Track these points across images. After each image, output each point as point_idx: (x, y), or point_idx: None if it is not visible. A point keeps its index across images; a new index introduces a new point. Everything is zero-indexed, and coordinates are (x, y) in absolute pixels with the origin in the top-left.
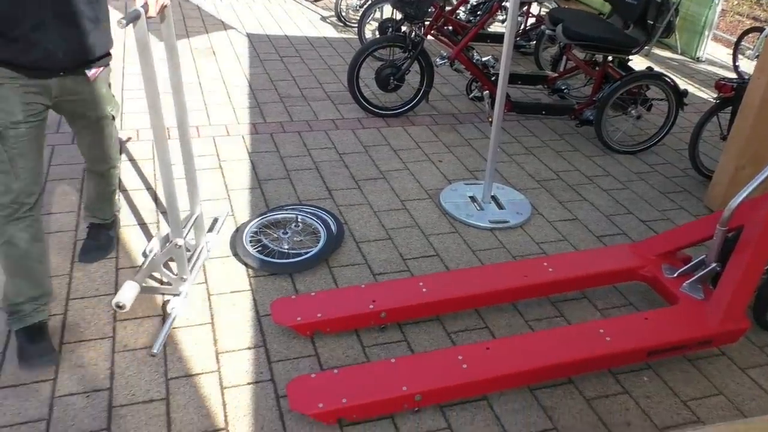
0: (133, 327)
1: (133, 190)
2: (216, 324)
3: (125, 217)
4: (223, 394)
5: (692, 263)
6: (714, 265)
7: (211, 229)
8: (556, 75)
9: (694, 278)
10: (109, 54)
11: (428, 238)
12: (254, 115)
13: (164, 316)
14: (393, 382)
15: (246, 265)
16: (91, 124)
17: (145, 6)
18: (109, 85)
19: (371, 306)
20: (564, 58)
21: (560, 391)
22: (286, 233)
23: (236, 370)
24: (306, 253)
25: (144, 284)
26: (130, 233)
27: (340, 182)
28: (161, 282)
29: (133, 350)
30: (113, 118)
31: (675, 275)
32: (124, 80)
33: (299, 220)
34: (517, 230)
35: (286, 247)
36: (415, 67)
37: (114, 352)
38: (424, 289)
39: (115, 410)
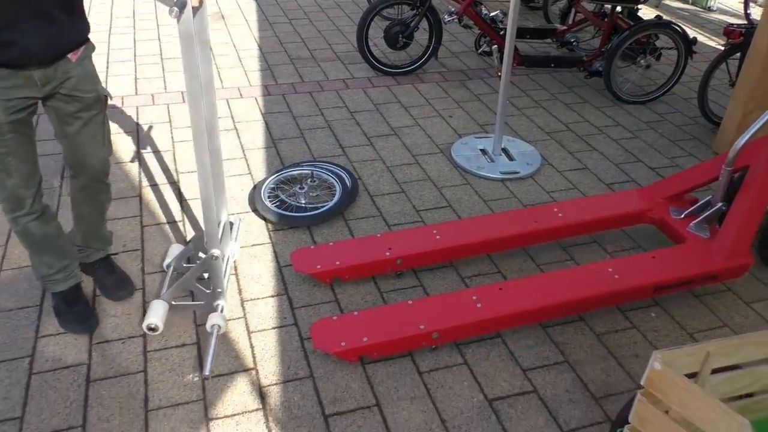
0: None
1: (150, 186)
2: (240, 275)
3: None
4: (250, 338)
5: (699, 204)
6: (720, 204)
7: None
8: (565, 28)
9: (700, 218)
10: (87, 39)
11: (440, 190)
12: (266, 77)
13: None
14: (411, 322)
15: (265, 219)
16: (86, 109)
17: None
18: None
19: (387, 253)
20: (573, 10)
21: (571, 328)
22: (303, 188)
23: (261, 316)
24: (322, 206)
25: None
26: (152, 233)
27: (352, 139)
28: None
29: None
30: (107, 98)
31: (682, 216)
32: (137, 46)
33: (315, 175)
34: (527, 180)
35: (303, 201)
36: (424, 24)
37: (145, 301)
38: (438, 237)
39: (149, 354)
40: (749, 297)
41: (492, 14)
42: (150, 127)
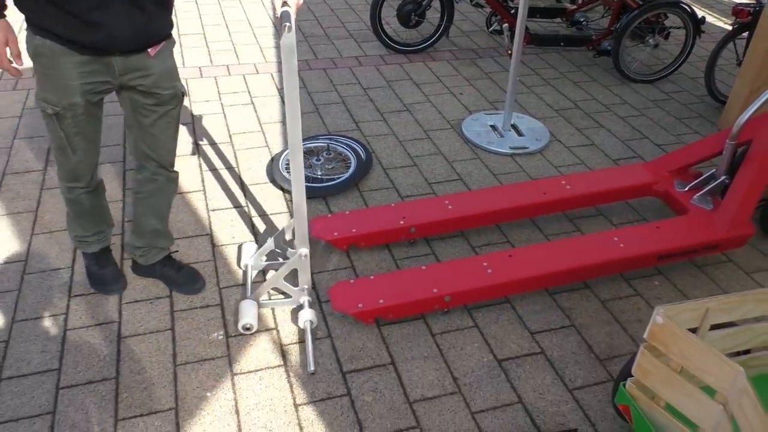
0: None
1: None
2: (259, 242)
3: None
4: (269, 300)
5: (702, 177)
6: (723, 177)
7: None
8: (575, 7)
9: (704, 191)
10: (170, 35)
11: (451, 164)
12: (280, 54)
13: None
14: (424, 285)
15: (282, 190)
16: (163, 104)
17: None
18: None
19: (401, 222)
20: None
21: (577, 294)
22: (319, 160)
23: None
24: (338, 178)
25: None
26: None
27: (366, 115)
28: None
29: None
30: (183, 95)
31: (686, 189)
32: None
33: (330, 148)
34: (536, 155)
35: (320, 173)
36: (436, 4)
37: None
38: (449, 207)
39: (176, 314)
40: (749, 267)
41: None
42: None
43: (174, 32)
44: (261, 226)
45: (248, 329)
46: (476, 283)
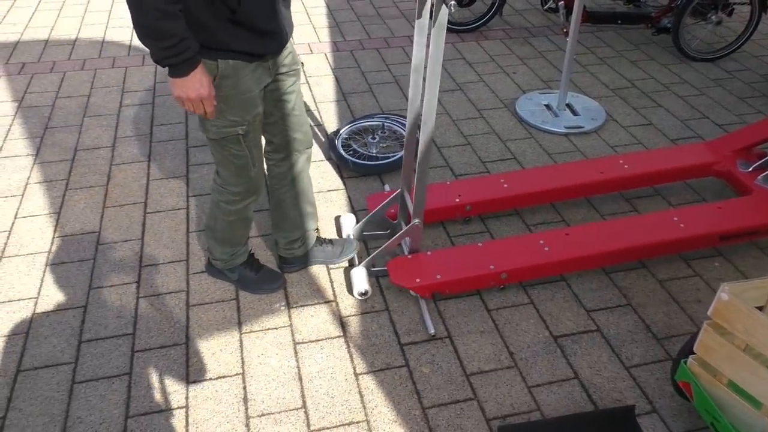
0: None
1: None
2: (319, 217)
3: None
4: (329, 274)
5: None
6: None
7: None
8: None
9: None
10: None
11: (505, 143)
12: (334, 34)
13: None
14: (481, 262)
15: (339, 167)
16: (297, 78)
17: None
18: None
19: (457, 199)
20: None
21: (634, 274)
22: (374, 139)
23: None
24: (392, 155)
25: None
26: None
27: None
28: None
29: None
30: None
31: (750, 170)
32: None
33: (385, 127)
34: (591, 135)
35: (375, 151)
36: None
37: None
38: (505, 185)
39: (241, 292)
40: None
41: None
42: None
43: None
44: (320, 203)
45: (364, 294)
46: (533, 261)
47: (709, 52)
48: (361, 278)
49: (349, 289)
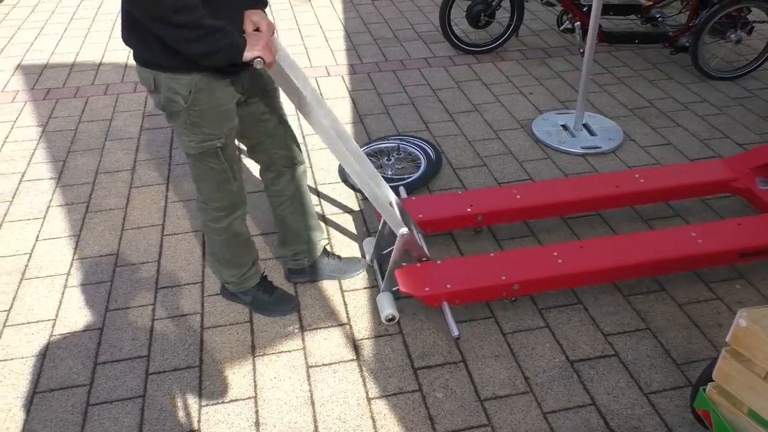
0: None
1: None
2: (332, 239)
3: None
4: (343, 296)
5: None
6: None
7: None
8: (651, 3)
9: None
10: None
11: (521, 164)
12: (351, 57)
13: None
14: (493, 272)
15: (354, 189)
16: (275, 96)
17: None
18: None
19: (469, 209)
20: None
21: (652, 297)
22: (390, 161)
23: (353, 277)
24: (408, 177)
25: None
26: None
27: (435, 115)
28: None
29: (269, 258)
30: None
31: None
32: None
33: (401, 148)
34: (609, 155)
35: (390, 173)
36: (506, 3)
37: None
38: (518, 196)
39: (255, 315)
40: None
41: None
42: None
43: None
44: (334, 224)
45: (391, 320)
46: (546, 273)
47: (728, 71)
48: (386, 303)
49: (377, 314)
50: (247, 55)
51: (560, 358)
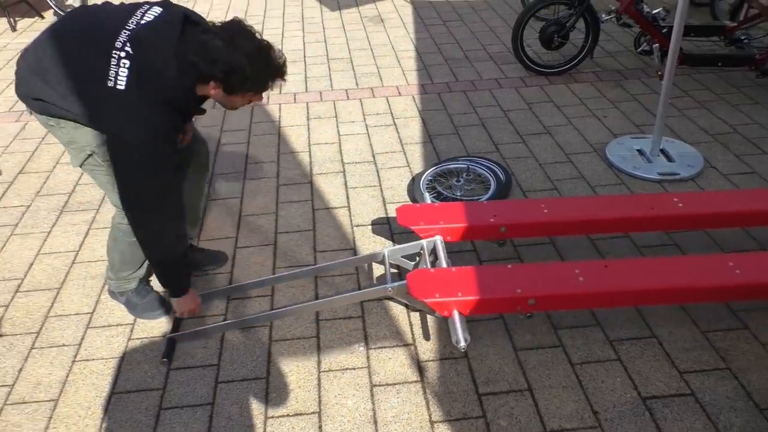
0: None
1: (320, 174)
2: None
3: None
4: (409, 316)
5: None
6: None
7: None
8: (735, 24)
9: None
10: None
11: (594, 188)
12: (422, 77)
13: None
14: (508, 284)
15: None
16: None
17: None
18: None
19: (492, 219)
20: (745, 5)
21: (733, 335)
22: (459, 182)
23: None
24: (477, 199)
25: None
26: (321, 216)
27: (505, 137)
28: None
29: (332, 281)
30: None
31: None
32: (306, 48)
33: (470, 170)
34: (687, 183)
35: (459, 194)
36: (580, 24)
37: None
38: (545, 210)
39: (321, 323)
40: None
41: (654, 12)
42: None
43: (322, 57)
44: (400, 243)
45: (462, 344)
46: (565, 289)
47: None
48: (458, 327)
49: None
50: (175, 305)
51: (632, 394)
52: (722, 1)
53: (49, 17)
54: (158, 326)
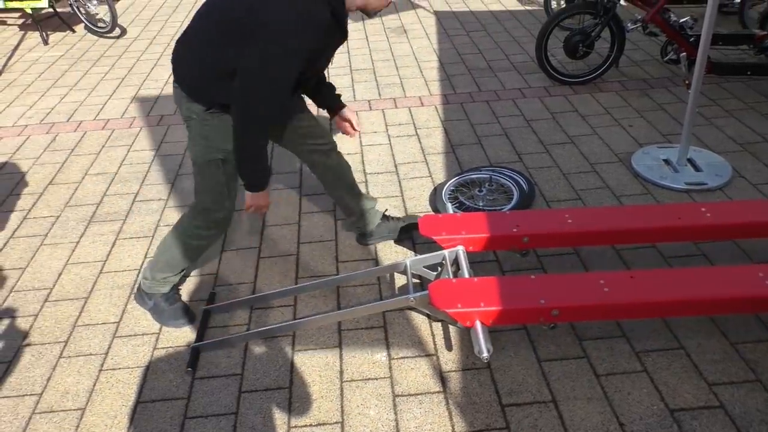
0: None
1: None
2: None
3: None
4: (431, 326)
5: None
6: None
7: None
8: (765, 33)
9: None
10: None
11: (619, 198)
12: (445, 87)
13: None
14: (531, 295)
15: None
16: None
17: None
18: None
19: (514, 229)
20: None
21: (763, 346)
22: (481, 191)
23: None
24: (499, 209)
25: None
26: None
27: (528, 147)
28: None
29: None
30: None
31: None
32: None
33: (493, 180)
34: (716, 193)
35: (481, 204)
36: (605, 34)
37: (338, 293)
38: (569, 220)
39: (343, 333)
40: None
41: (681, 20)
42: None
43: (345, 68)
44: (422, 253)
45: (484, 355)
46: (589, 300)
47: None
48: (480, 337)
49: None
50: (249, 199)
51: (659, 406)
52: (751, 9)
53: (80, 31)
54: (183, 336)
